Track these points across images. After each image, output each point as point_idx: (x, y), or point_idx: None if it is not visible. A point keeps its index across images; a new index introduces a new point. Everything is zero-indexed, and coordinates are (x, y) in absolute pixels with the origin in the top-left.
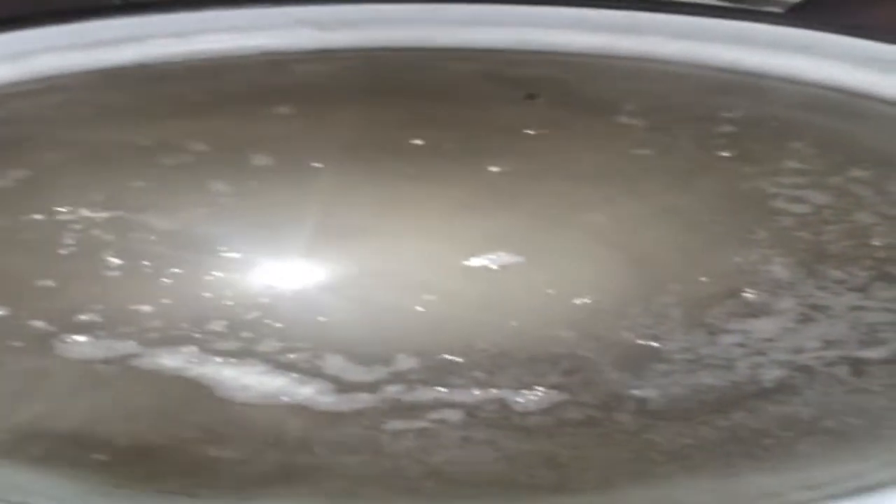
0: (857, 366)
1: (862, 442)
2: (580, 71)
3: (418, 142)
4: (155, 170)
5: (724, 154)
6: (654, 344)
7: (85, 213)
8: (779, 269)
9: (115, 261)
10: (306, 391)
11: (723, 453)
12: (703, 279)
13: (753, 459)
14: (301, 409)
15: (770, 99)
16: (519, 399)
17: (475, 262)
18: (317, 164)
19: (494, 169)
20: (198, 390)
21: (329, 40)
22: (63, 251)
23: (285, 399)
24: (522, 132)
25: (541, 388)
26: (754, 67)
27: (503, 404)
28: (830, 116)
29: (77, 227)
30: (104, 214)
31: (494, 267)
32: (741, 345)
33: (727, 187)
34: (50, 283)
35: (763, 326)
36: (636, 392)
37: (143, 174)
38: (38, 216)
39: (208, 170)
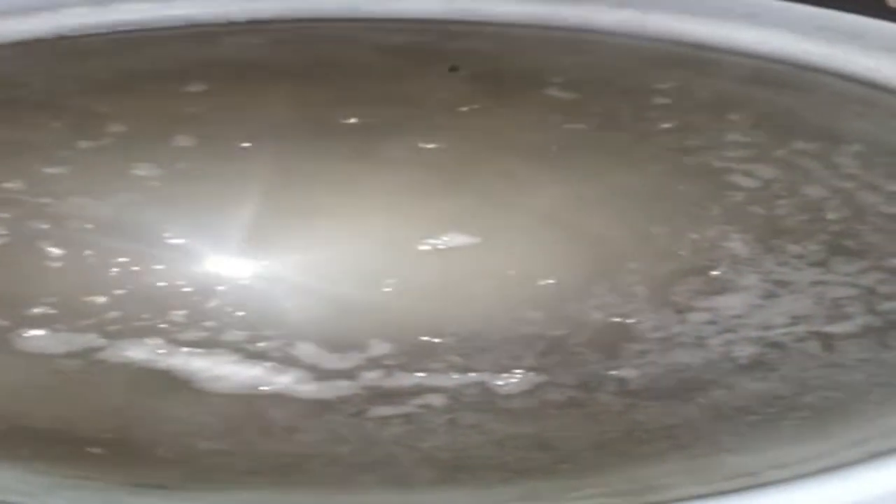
0: (827, 340)
1: (839, 416)
2: (513, 42)
3: (352, 120)
4: (75, 153)
5: (665, 127)
6: (626, 323)
7: (9, 200)
8: (737, 244)
9: (56, 251)
10: (284, 380)
11: (708, 431)
12: (663, 257)
13: (739, 437)
14: (282, 398)
15: (710, 71)
16: (499, 382)
17: (430, 243)
18: (246, 145)
19: (430, 146)
20: (171, 382)
21: (258, 10)
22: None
23: (264, 388)
24: (455, 108)
25: (519, 371)
26: (697, 38)
27: (485, 388)
28: (773, 88)
29: (4, 215)
30: (30, 202)
31: (449, 248)
32: (711, 322)
33: (672, 162)
34: None
35: (730, 303)
36: (615, 372)
37: (63, 158)
38: None
39: (131, 152)
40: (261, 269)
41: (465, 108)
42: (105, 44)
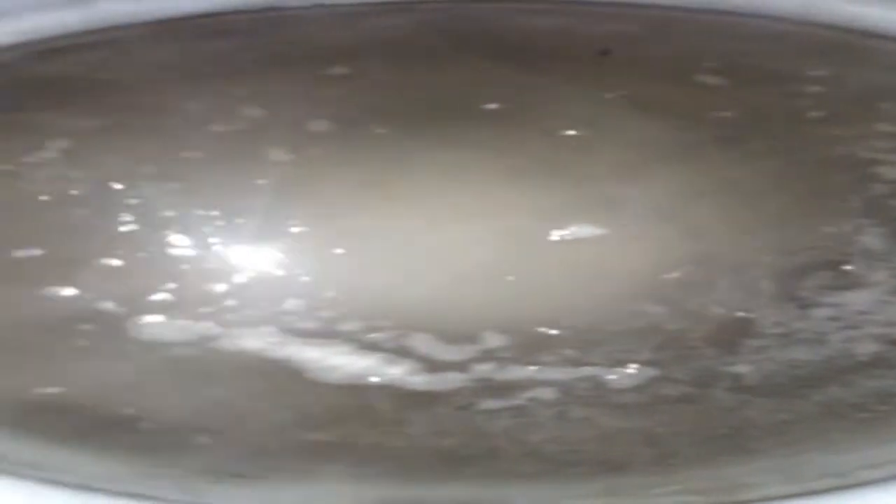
0: None
1: None
2: (657, 25)
3: (490, 105)
4: (209, 138)
5: (814, 115)
6: (746, 318)
7: (141, 186)
8: (872, 239)
9: (180, 238)
10: (395, 371)
11: (820, 428)
12: (794, 251)
13: (850, 434)
14: (392, 390)
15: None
16: (612, 376)
17: (555, 234)
18: (380, 131)
19: (567, 133)
20: (285, 372)
21: None
22: (123, 228)
23: (375, 380)
24: (600, 95)
25: (634, 365)
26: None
27: (597, 382)
28: None
29: (132, 201)
30: (158, 188)
31: (574, 239)
32: (834, 318)
33: (818, 152)
34: (116, 262)
35: (856, 299)
36: (730, 368)
37: (196, 143)
38: (75, 191)
39: (265, 137)
40: (383, 258)
41: (610, 95)
42: (233, 25)
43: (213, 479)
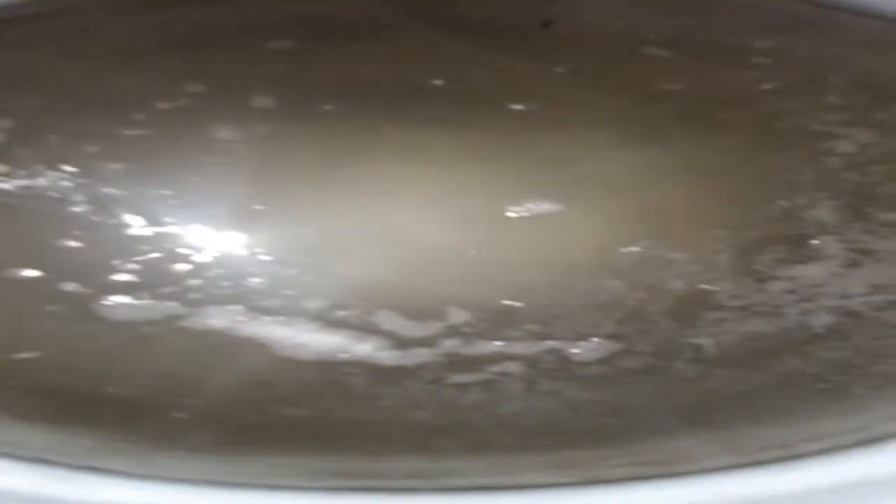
0: None
1: None
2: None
3: (438, 82)
4: (152, 113)
5: (763, 88)
6: (705, 292)
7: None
8: (825, 212)
9: (132, 217)
10: (364, 348)
11: (780, 398)
12: (750, 225)
13: (810, 404)
14: (362, 366)
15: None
16: (576, 350)
17: (512, 210)
18: (329, 107)
19: (517, 108)
20: (253, 348)
21: None
22: (76, 209)
23: (344, 356)
24: (547, 69)
25: (596, 339)
26: None
27: (561, 355)
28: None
29: (82, 181)
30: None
31: (531, 215)
32: (790, 291)
33: (767, 125)
34: (74, 243)
35: (811, 272)
36: (691, 340)
37: (137, 120)
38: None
39: (209, 114)
40: (341, 236)
41: (558, 70)
42: None
43: (173, 453)
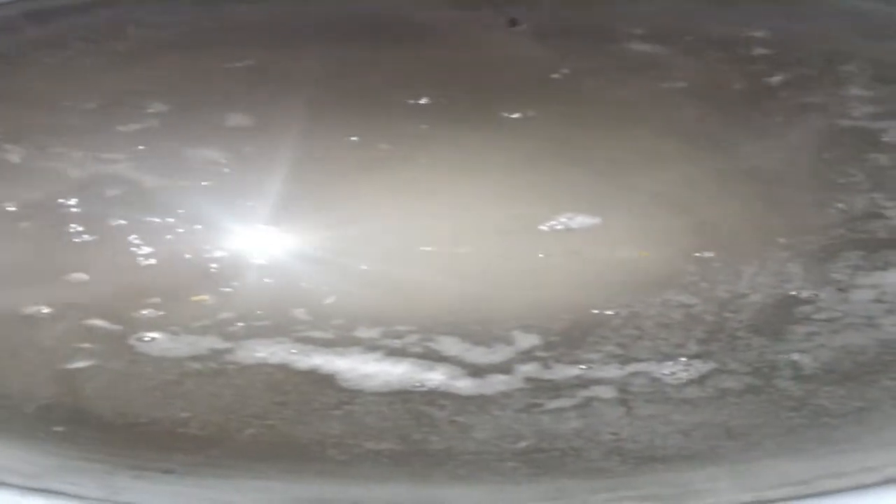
0: None
1: None
2: None
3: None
4: (119, 137)
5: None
6: (785, 303)
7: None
8: (891, 212)
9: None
10: (435, 377)
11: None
12: (813, 230)
13: None
14: (440, 396)
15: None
16: (665, 371)
17: (550, 224)
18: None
19: (515, 116)
20: (317, 382)
21: None
22: (77, 239)
23: (418, 387)
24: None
25: (683, 358)
26: None
27: (651, 377)
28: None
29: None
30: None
31: (573, 228)
32: (878, 300)
33: (793, 123)
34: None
35: (893, 279)
36: (786, 357)
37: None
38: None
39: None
40: (382, 255)
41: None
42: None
43: (137, 476)
